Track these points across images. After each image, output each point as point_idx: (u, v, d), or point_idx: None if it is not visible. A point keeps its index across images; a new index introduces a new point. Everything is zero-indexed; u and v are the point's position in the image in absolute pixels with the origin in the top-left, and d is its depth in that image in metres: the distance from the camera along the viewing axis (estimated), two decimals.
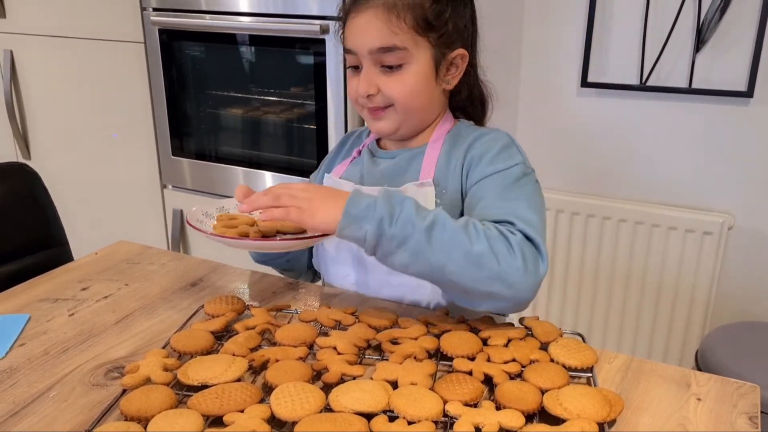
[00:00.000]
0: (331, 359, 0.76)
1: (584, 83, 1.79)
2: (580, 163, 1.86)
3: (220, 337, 0.84)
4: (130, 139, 2.06)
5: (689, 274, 1.74)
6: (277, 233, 0.91)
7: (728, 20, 1.60)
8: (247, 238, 0.88)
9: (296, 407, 0.66)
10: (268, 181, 1.84)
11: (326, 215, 0.79)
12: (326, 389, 0.71)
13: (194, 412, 0.67)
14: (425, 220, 0.78)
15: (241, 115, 1.88)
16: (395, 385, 0.72)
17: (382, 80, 0.93)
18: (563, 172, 1.87)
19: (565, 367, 0.76)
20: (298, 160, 1.81)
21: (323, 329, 0.86)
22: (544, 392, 0.70)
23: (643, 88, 1.73)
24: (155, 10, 1.84)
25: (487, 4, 1.09)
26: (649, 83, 1.72)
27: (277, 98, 1.81)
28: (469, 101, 1.03)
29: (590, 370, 0.76)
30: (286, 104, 1.80)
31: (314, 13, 1.60)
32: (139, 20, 1.88)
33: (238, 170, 1.89)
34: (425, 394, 0.69)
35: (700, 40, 1.63)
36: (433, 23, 0.91)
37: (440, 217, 0.79)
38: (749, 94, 1.62)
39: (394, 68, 0.92)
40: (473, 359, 0.77)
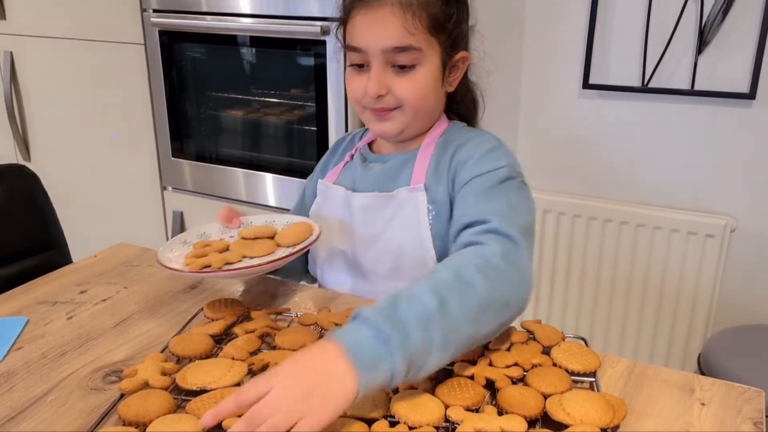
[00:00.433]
0: None
1: (586, 85, 1.78)
2: (581, 165, 1.85)
3: (219, 340, 0.83)
4: (130, 140, 2.06)
5: (691, 276, 1.73)
6: (243, 258, 0.90)
7: (731, 21, 1.60)
8: (212, 269, 0.86)
9: None
10: (268, 182, 1.84)
11: (337, 391, 0.60)
12: None
13: (192, 417, 0.66)
14: (427, 306, 0.67)
15: (241, 116, 1.88)
16: (396, 389, 0.71)
17: (393, 80, 0.90)
18: (564, 174, 1.87)
19: (567, 371, 0.75)
20: (298, 161, 1.80)
21: (323, 333, 0.85)
22: (546, 397, 0.70)
23: (645, 89, 1.72)
24: (155, 11, 1.84)
25: (488, 6, 1.08)
26: (651, 85, 1.71)
27: (277, 100, 1.81)
28: (462, 102, 1.03)
29: (593, 374, 0.76)
30: (286, 106, 1.80)
31: (315, 14, 1.60)
32: (139, 21, 1.88)
33: (238, 172, 1.88)
34: (426, 399, 0.68)
35: (702, 41, 1.63)
36: (444, 25, 0.90)
37: (439, 296, 0.68)
38: (752, 95, 1.61)
39: (406, 68, 0.90)
40: (475, 363, 0.76)
